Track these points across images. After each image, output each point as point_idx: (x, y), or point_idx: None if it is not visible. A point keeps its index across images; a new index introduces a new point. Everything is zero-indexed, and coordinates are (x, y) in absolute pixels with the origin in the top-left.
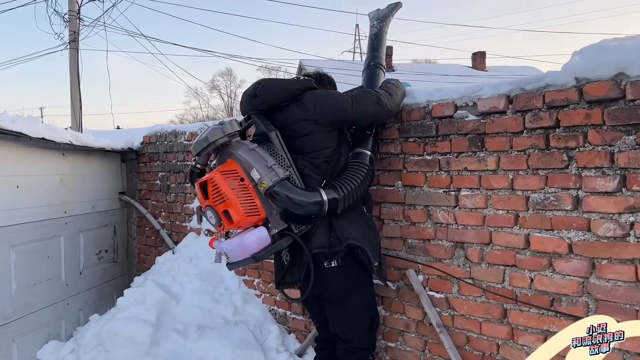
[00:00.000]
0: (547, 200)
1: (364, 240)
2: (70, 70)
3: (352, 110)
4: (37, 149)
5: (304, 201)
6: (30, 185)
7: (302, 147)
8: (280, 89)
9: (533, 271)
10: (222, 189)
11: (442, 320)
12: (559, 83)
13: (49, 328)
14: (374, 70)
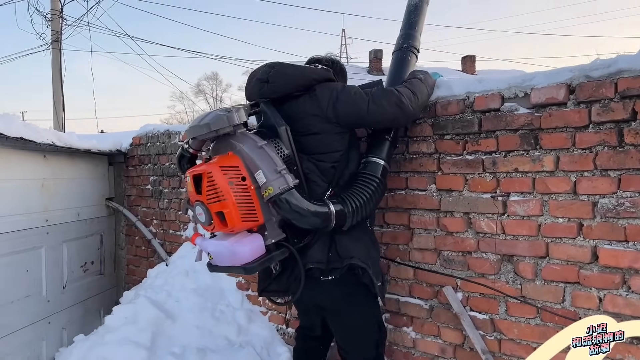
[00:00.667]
0: (620, 207)
1: (367, 261)
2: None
3: (367, 112)
4: (15, 150)
5: (310, 212)
6: (7, 191)
7: (309, 146)
8: (297, 76)
9: (602, 290)
10: (219, 187)
11: (487, 346)
12: (635, 68)
13: (29, 350)
14: (406, 54)
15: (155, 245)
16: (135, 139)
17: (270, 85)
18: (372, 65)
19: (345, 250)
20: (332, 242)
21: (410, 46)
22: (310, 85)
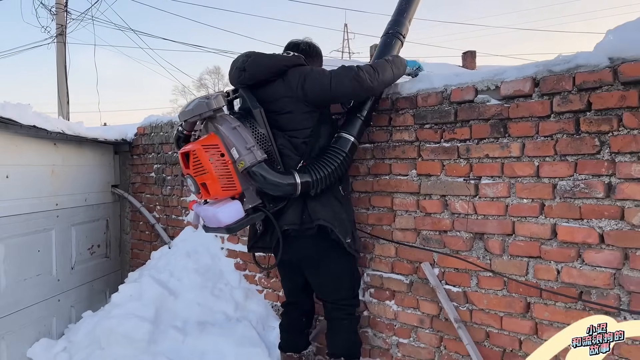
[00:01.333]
0: (576, 188)
1: (334, 221)
2: (58, 65)
3: (330, 88)
4: (28, 138)
5: (279, 182)
6: (20, 176)
7: (283, 124)
8: (269, 65)
9: (560, 263)
10: (202, 163)
11: (459, 315)
12: (591, 64)
13: (40, 325)
14: (391, 40)
15: (159, 229)
16: (139, 129)
17: (247, 73)
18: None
19: (314, 213)
20: (304, 207)
21: (397, 32)
22: (282, 71)
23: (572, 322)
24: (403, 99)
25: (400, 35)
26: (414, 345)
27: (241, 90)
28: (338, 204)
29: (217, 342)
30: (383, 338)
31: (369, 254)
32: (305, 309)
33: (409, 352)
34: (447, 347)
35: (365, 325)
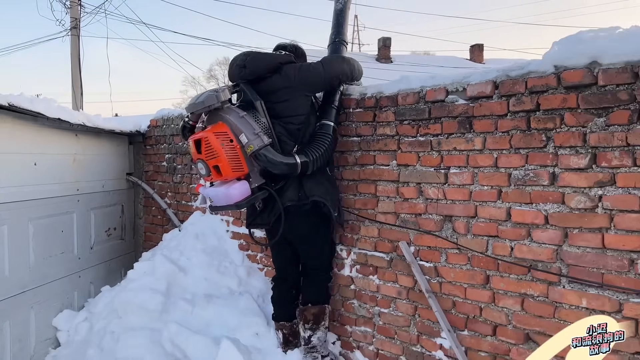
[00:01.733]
0: (527, 177)
1: (326, 197)
2: (71, 57)
3: (324, 72)
4: (53, 129)
5: (282, 163)
6: (46, 163)
7: (280, 112)
8: (267, 62)
9: (513, 240)
10: (214, 148)
11: (430, 287)
12: (539, 70)
13: (63, 298)
14: (338, 46)
15: (170, 214)
16: (152, 121)
17: (248, 70)
18: (380, 53)
19: (309, 190)
20: (300, 185)
21: (342, 40)
22: (278, 67)
23: (522, 291)
24: (386, 98)
25: (344, 41)
26: (393, 314)
27: (242, 85)
28: (328, 183)
29: (221, 313)
30: (367, 308)
31: (355, 235)
32: (294, 282)
33: (389, 321)
34: (421, 315)
35: (351, 298)
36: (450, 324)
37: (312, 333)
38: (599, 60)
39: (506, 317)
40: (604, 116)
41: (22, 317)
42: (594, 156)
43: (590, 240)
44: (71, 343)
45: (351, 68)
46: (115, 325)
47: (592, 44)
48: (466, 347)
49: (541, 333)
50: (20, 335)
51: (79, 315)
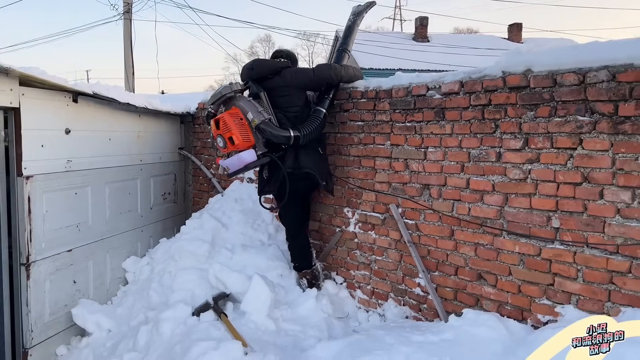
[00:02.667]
0: (481, 155)
1: (315, 169)
2: (124, 39)
3: (314, 76)
4: (122, 112)
5: (278, 134)
6: (117, 139)
7: (281, 103)
8: (270, 66)
9: (471, 203)
10: (228, 124)
11: (412, 239)
12: (492, 74)
13: (130, 247)
14: (341, 53)
15: (214, 182)
16: (200, 104)
17: (255, 71)
18: (417, 32)
19: (303, 162)
20: (296, 157)
21: (345, 49)
22: (277, 70)
23: (476, 241)
24: (383, 91)
25: (347, 51)
26: (385, 261)
27: (250, 82)
28: (318, 159)
29: (254, 258)
30: (366, 256)
31: (359, 200)
32: (303, 237)
33: (382, 266)
34: (405, 261)
35: (355, 249)
36: (425, 267)
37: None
38: (532, 69)
39: (464, 261)
40: (533, 110)
41: (101, 259)
42: (526, 140)
43: (522, 203)
44: (137, 281)
45: (337, 74)
46: (172, 266)
47: (527, 57)
48: (436, 284)
49: (488, 272)
50: (99, 273)
51: (143, 261)
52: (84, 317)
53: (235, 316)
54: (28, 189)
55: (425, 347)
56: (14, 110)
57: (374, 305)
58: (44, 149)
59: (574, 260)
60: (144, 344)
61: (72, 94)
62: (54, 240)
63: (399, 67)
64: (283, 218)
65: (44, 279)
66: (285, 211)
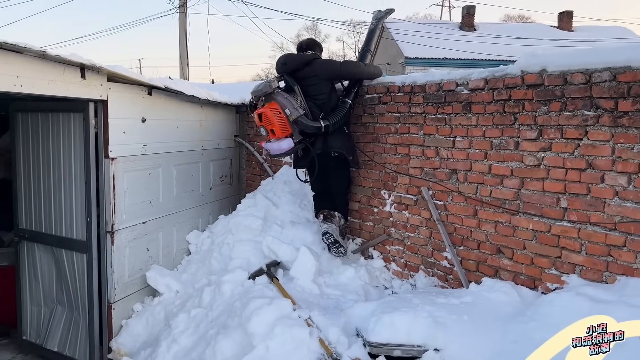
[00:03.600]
0: (501, 144)
1: (342, 148)
2: (179, 31)
3: (340, 69)
4: (186, 103)
5: (312, 126)
6: (183, 127)
7: (311, 91)
8: (300, 60)
9: (492, 186)
10: (270, 118)
11: (440, 218)
12: (512, 73)
13: (192, 222)
14: (365, 53)
15: (266, 167)
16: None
17: (287, 66)
18: (464, 21)
19: (331, 144)
20: (325, 140)
21: (368, 49)
22: (307, 62)
23: (496, 219)
24: (418, 86)
25: (370, 51)
26: (417, 237)
27: (285, 75)
28: (344, 138)
29: (301, 233)
30: (400, 233)
31: (394, 183)
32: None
33: (414, 241)
34: (434, 237)
35: (390, 226)
36: (452, 242)
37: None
38: (546, 69)
39: (485, 237)
40: (547, 105)
41: (169, 231)
42: (540, 131)
43: (536, 186)
44: (199, 252)
45: (361, 72)
46: (230, 239)
47: (542, 58)
48: (461, 257)
49: (506, 246)
50: (167, 243)
51: (204, 234)
52: (156, 279)
53: (285, 281)
54: (113, 169)
55: (447, 307)
56: (102, 102)
57: (406, 276)
58: (125, 135)
59: (579, 235)
60: (208, 302)
61: (148, 87)
62: (132, 213)
63: (445, 57)
64: (313, 186)
65: (124, 246)
66: (315, 182)
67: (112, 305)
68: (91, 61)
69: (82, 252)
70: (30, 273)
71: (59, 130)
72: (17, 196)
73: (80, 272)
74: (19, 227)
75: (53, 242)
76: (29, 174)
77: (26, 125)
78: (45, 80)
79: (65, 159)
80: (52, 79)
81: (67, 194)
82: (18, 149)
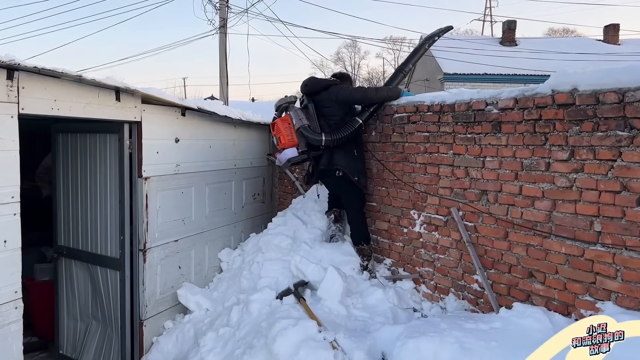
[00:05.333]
0: (532, 165)
1: (346, 167)
2: (219, 51)
3: (349, 95)
4: (220, 123)
5: (313, 137)
6: (216, 146)
7: (326, 113)
8: (320, 84)
9: (523, 208)
10: (279, 127)
11: (470, 239)
12: (542, 92)
13: (224, 240)
14: (397, 73)
15: (297, 185)
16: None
17: (307, 87)
18: (505, 36)
19: (336, 161)
20: (330, 156)
21: (402, 69)
22: (326, 87)
23: (527, 242)
24: (447, 105)
25: (403, 71)
26: (447, 258)
27: (304, 96)
28: (350, 158)
29: (329, 253)
30: (430, 254)
31: (424, 203)
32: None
33: (444, 263)
34: (464, 259)
35: (419, 247)
36: (482, 265)
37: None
38: (577, 88)
39: (517, 260)
40: (579, 125)
41: (200, 249)
42: (572, 152)
43: (568, 208)
44: (230, 270)
45: (369, 99)
46: (259, 257)
47: (573, 77)
48: (492, 280)
49: (538, 270)
50: (199, 261)
51: (235, 252)
52: (186, 297)
53: (312, 301)
54: (146, 188)
55: (475, 333)
56: (137, 123)
57: (436, 298)
58: (158, 155)
59: (614, 260)
60: (235, 321)
61: (181, 109)
62: (165, 231)
63: (484, 72)
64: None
65: (156, 263)
66: (328, 198)
67: (143, 322)
68: (125, 84)
69: (116, 269)
70: (67, 289)
71: (96, 151)
72: (56, 214)
73: (113, 288)
74: (58, 243)
75: (89, 259)
76: (67, 192)
77: (66, 145)
78: (82, 103)
79: (101, 178)
80: (88, 102)
81: (103, 212)
82: (58, 168)
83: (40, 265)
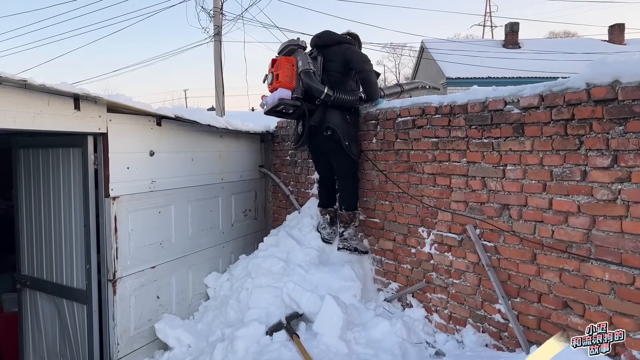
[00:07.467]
0: (564, 173)
1: (338, 127)
2: (214, 60)
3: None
4: (203, 133)
5: (314, 86)
6: (200, 159)
7: (328, 67)
8: (334, 37)
9: (554, 225)
10: (281, 64)
11: (490, 262)
12: (574, 87)
13: (211, 263)
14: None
15: (292, 199)
16: (279, 123)
17: (320, 39)
18: (507, 38)
19: (328, 119)
20: (323, 113)
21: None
22: (339, 42)
23: (560, 266)
24: (458, 106)
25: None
26: (463, 284)
27: (315, 47)
28: (344, 121)
29: (326, 277)
30: (442, 279)
31: (434, 219)
32: (332, 184)
33: (459, 289)
34: (484, 285)
35: (430, 270)
36: (505, 293)
37: (344, 229)
38: (619, 80)
39: (548, 287)
40: (622, 125)
41: (183, 275)
42: (615, 157)
43: (612, 226)
44: (217, 297)
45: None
46: (248, 283)
47: (614, 67)
48: (518, 311)
49: (575, 300)
50: (182, 288)
51: (223, 277)
52: (165, 332)
53: (307, 337)
54: (115, 209)
55: None
56: (102, 135)
57: (451, 330)
58: (129, 171)
59: None
60: None
61: (156, 117)
62: (139, 258)
63: (488, 76)
64: (316, 168)
65: (129, 295)
66: (317, 162)
67: None
68: (85, 90)
69: (83, 302)
70: (33, 323)
71: (58, 168)
72: (19, 239)
73: (81, 324)
74: (21, 272)
75: (54, 291)
76: (30, 215)
77: (27, 162)
78: (30, 113)
79: (65, 198)
80: (37, 112)
81: (68, 237)
82: (20, 188)
83: (9, 295)
